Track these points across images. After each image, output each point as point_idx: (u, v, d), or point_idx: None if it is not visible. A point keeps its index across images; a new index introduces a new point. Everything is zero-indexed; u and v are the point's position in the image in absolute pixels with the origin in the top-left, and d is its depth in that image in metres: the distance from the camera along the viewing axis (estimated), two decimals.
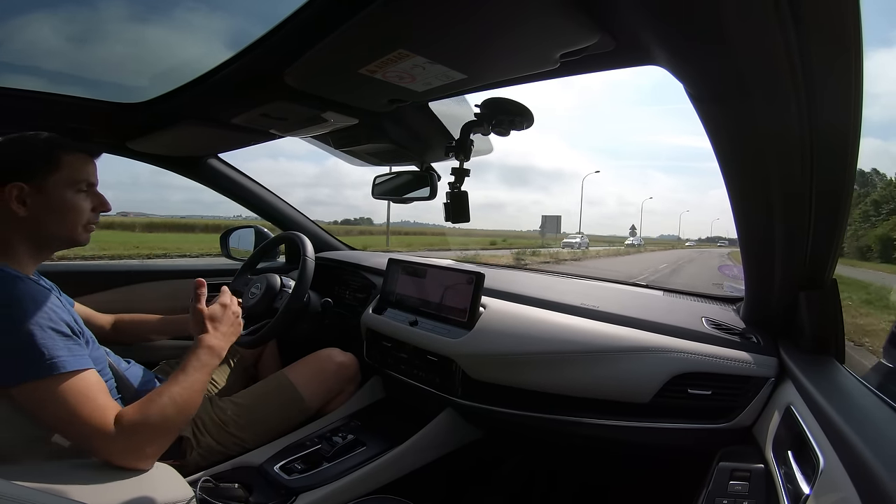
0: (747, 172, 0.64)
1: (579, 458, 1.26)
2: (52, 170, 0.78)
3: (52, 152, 0.79)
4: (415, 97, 0.81)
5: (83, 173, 0.82)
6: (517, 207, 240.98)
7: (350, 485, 0.98)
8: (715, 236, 72.98)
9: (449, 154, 0.97)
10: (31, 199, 0.77)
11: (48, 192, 0.78)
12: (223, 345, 0.85)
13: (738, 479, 0.69)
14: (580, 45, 0.60)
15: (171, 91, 1.02)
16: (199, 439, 0.99)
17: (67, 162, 0.80)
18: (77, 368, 0.69)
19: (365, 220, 64.65)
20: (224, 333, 0.87)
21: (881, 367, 0.80)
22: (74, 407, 0.67)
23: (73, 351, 0.71)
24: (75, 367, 0.69)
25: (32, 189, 0.77)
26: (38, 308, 0.70)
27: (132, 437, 0.68)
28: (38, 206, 0.77)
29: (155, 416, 0.70)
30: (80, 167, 0.81)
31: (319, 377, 1.22)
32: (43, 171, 0.78)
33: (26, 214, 0.77)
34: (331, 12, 0.59)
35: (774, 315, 0.88)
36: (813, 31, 0.43)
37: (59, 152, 0.80)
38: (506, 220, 41.66)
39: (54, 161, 0.79)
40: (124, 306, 1.26)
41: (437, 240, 28.76)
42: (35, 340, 0.67)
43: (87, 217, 0.83)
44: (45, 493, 0.51)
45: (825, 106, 0.51)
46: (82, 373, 0.70)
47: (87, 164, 0.83)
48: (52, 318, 0.71)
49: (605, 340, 0.93)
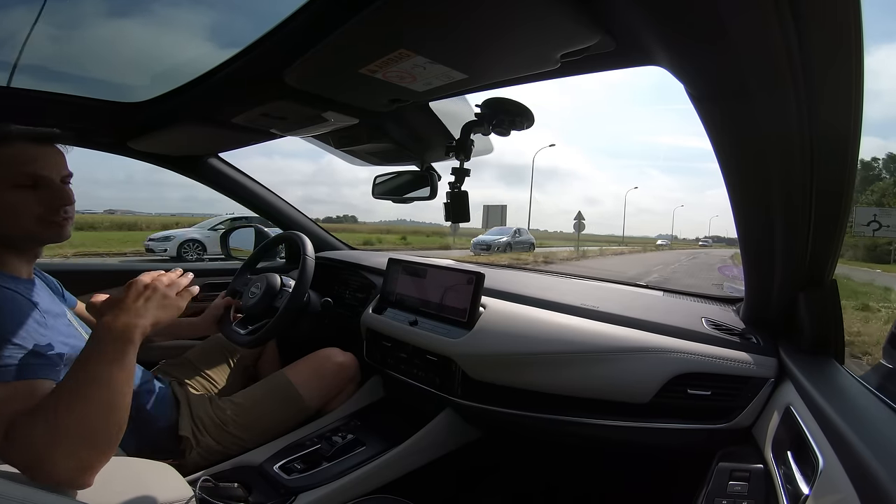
0: (747, 172, 0.64)
1: (579, 458, 1.26)
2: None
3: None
4: (415, 97, 0.81)
5: (24, 168, 0.73)
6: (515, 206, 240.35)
7: (350, 484, 0.98)
8: (713, 235, 72.48)
9: (449, 154, 0.98)
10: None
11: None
12: (136, 318, 0.65)
13: (738, 480, 0.69)
14: (581, 46, 0.60)
15: (172, 90, 1.02)
16: (199, 439, 0.99)
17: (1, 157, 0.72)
18: (31, 376, 0.63)
19: (349, 218, 64.46)
20: (148, 303, 0.67)
21: (881, 368, 0.80)
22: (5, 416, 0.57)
23: (31, 356, 0.64)
24: (26, 375, 0.62)
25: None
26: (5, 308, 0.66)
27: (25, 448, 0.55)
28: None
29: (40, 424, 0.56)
30: (19, 161, 0.73)
31: (319, 377, 1.22)
32: None
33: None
34: (331, 12, 0.59)
35: (774, 315, 0.88)
36: (813, 30, 0.43)
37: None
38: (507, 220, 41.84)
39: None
40: None
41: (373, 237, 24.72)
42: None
43: (36, 213, 0.74)
44: (45, 491, 0.51)
45: (825, 105, 0.51)
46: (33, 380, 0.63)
47: (33, 157, 0.74)
48: (20, 321, 0.66)
49: (605, 341, 0.93)
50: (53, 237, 0.78)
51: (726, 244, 53.21)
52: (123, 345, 0.62)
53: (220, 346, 1.31)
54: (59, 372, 0.68)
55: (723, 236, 66.19)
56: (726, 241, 57.18)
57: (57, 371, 0.68)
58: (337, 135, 1.15)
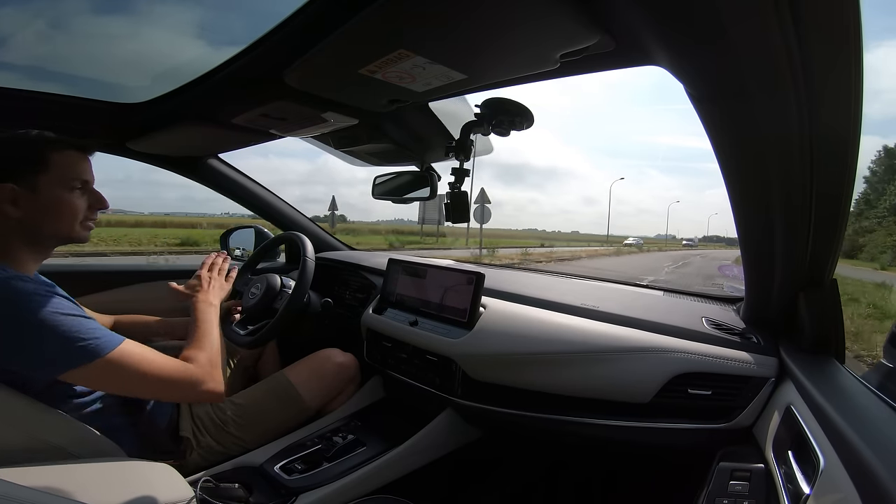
0: (747, 172, 0.64)
1: (579, 458, 1.26)
2: (42, 170, 0.77)
3: (41, 152, 0.78)
4: (415, 97, 0.81)
5: (75, 172, 0.81)
6: (515, 206, 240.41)
7: (350, 485, 0.98)
8: (712, 235, 71.57)
9: (449, 154, 0.98)
10: (23, 200, 0.76)
11: (40, 193, 0.77)
12: (212, 299, 1.00)
13: (739, 479, 0.69)
14: (580, 46, 0.60)
15: (172, 91, 1.02)
16: (199, 439, 0.99)
17: (58, 161, 0.79)
18: (119, 341, 0.75)
19: (339, 218, 65.16)
20: (213, 289, 1.03)
21: (881, 367, 0.80)
22: (143, 370, 0.75)
23: (103, 330, 0.75)
24: (118, 341, 0.74)
25: (24, 190, 0.76)
26: (49, 301, 0.72)
27: (206, 367, 0.83)
28: (32, 207, 0.77)
29: (209, 348, 0.87)
30: (71, 166, 0.80)
31: (319, 377, 1.22)
32: (32, 172, 0.76)
33: (20, 216, 0.76)
34: (331, 12, 0.59)
35: (774, 315, 0.88)
36: (813, 31, 0.43)
37: (48, 152, 0.78)
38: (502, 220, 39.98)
39: (43, 161, 0.77)
40: (124, 307, 1.25)
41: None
42: (64, 329, 0.70)
43: (82, 215, 0.83)
44: (46, 493, 0.51)
45: (825, 105, 0.51)
46: (123, 343, 0.75)
47: (79, 163, 0.82)
48: (70, 306, 0.74)
49: (605, 340, 0.93)
50: (84, 237, 0.85)
51: (726, 244, 52.01)
52: (214, 309, 0.98)
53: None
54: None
55: (722, 236, 64.97)
56: (726, 241, 56.09)
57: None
58: (337, 135, 1.15)
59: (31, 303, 0.70)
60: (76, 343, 0.70)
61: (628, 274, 14.10)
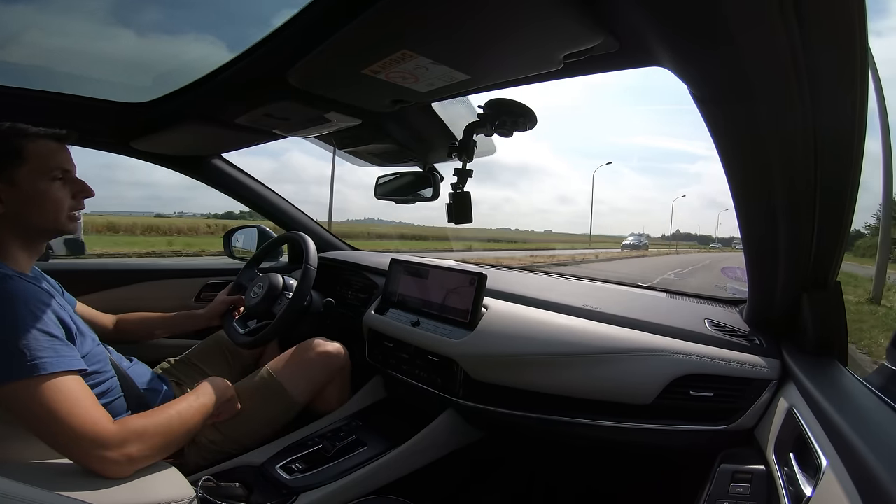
0: (751, 174, 0.64)
1: (581, 459, 1.26)
2: (19, 162, 0.76)
3: (14, 144, 0.76)
4: (418, 98, 0.82)
5: (54, 161, 0.79)
6: (490, 205, 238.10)
7: (351, 485, 0.98)
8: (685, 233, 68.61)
9: (451, 155, 0.98)
10: (5, 194, 0.75)
11: (21, 185, 0.76)
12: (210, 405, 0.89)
13: (740, 481, 0.69)
14: (584, 46, 0.60)
15: (176, 91, 1.02)
16: (196, 438, 0.98)
17: (34, 151, 0.77)
18: (59, 370, 0.66)
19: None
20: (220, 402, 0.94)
21: (884, 370, 0.79)
22: (53, 408, 0.64)
23: (59, 352, 0.68)
24: (57, 369, 0.66)
25: (3, 184, 0.75)
26: (27, 308, 0.69)
27: (131, 443, 0.67)
28: (15, 201, 0.76)
29: (161, 426, 0.73)
30: (49, 155, 0.78)
31: (303, 369, 1.16)
32: (9, 165, 0.75)
33: (5, 210, 0.75)
34: (334, 13, 0.59)
35: (777, 316, 0.87)
36: (817, 32, 0.43)
37: (22, 143, 0.76)
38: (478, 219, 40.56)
39: (18, 152, 0.76)
40: (127, 305, 1.26)
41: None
42: (18, 341, 0.65)
43: (68, 205, 0.81)
44: (46, 492, 0.51)
45: (830, 107, 0.51)
46: (65, 376, 0.67)
47: (57, 152, 0.80)
48: (40, 318, 0.69)
49: (607, 342, 0.93)
50: (72, 229, 0.82)
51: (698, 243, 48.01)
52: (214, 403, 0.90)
53: (219, 346, 1.31)
54: (81, 362, 0.73)
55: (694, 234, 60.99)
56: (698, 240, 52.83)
57: (80, 361, 0.73)
58: (339, 135, 1.15)
59: (11, 304, 0.68)
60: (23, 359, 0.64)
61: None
